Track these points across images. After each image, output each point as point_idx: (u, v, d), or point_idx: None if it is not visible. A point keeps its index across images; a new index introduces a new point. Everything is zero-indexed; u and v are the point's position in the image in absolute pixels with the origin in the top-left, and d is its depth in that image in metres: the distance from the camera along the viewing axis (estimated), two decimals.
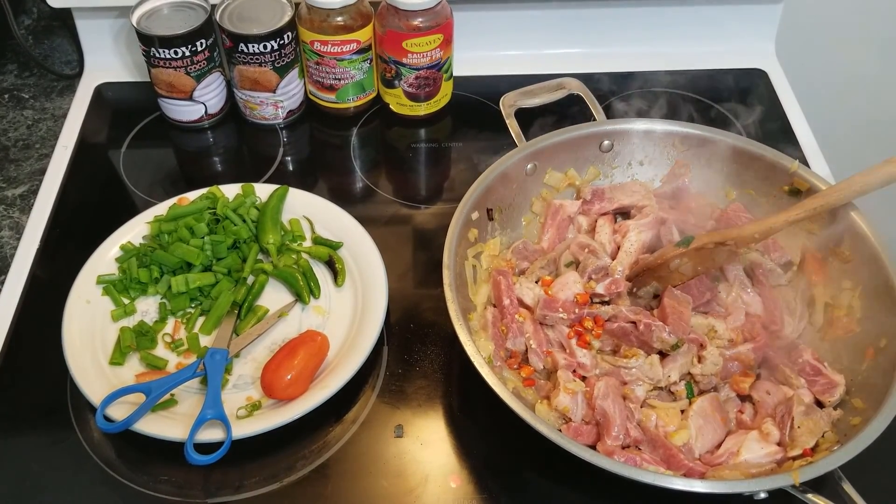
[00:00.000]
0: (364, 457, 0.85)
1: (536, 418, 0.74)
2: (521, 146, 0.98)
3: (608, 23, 1.29)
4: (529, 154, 0.98)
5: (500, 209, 0.97)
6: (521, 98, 1.04)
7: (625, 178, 1.04)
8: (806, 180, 0.94)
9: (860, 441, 0.73)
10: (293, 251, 1.01)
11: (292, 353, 0.87)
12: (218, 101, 1.19)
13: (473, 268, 0.92)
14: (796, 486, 0.71)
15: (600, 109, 1.04)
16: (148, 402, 0.83)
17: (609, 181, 1.04)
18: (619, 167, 1.03)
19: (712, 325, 0.89)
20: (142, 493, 0.82)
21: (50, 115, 1.25)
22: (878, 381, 0.81)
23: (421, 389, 0.91)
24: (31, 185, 1.13)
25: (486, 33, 1.28)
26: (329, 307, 0.97)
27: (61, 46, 1.34)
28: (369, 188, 1.14)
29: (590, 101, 1.04)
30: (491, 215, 0.96)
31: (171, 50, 1.10)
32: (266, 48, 1.10)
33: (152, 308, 0.96)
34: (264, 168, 1.16)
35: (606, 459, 0.73)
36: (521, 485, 0.84)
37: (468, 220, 0.92)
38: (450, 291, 0.82)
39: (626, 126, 1.02)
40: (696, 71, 1.29)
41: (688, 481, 0.72)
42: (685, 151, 1.01)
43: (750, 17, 1.30)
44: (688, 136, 1.01)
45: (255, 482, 0.83)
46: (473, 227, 0.93)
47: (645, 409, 0.83)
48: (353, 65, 1.14)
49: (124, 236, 1.01)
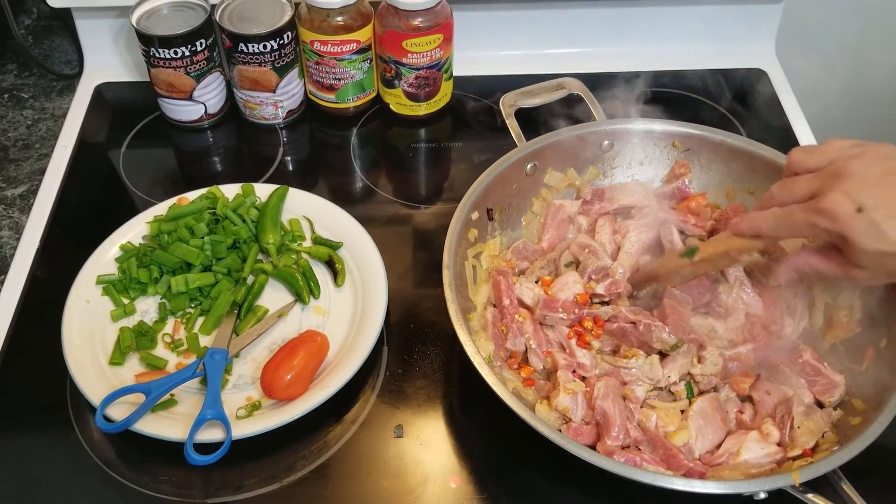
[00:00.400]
0: (364, 457, 0.85)
1: (536, 418, 0.74)
2: (521, 146, 0.98)
3: (608, 23, 1.29)
4: (529, 154, 0.97)
5: (500, 209, 0.97)
6: (521, 98, 1.04)
7: (625, 178, 1.04)
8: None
9: (860, 441, 0.73)
10: (293, 251, 1.01)
11: (292, 354, 0.87)
12: (218, 101, 1.19)
13: (473, 268, 0.92)
14: (796, 486, 0.71)
15: (600, 109, 1.04)
16: (148, 403, 0.83)
17: (609, 181, 1.04)
18: (620, 167, 1.03)
19: (712, 325, 0.89)
20: (141, 493, 0.82)
21: (50, 115, 1.25)
22: (879, 382, 0.81)
23: (421, 389, 0.91)
24: (31, 185, 1.13)
25: (486, 33, 1.28)
26: (329, 307, 0.97)
27: (61, 46, 1.34)
28: (369, 188, 1.14)
29: (590, 101, 1.04)
30: (491, 215, 0.96)
31: (171, 50, 1.10)
32: (266, 48, 1.10)
33: (152, 308, 0.96)
34: (264, 168, 1.16)
35: (606, 459, 0.73)
36: (521, 485, 0.84)
37: (468, 220, 0.92)
38: (450, 291, 0.82)
39: (627, 126, 1.01)
40: (696, 71, 1.29)
41: (688, 481, 0.72)
42: (685, 151, 1.01)
43: (750, 17, 1.30)
44: (688, 136, 1.01)
45: (255, 482, 0.83)
46: (473, 227, 0.93)
47: (645, 409, 0.83)
48: (353, 65, 1.14)
49: (124, 236, 1.01)
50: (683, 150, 1.01)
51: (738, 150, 0.98)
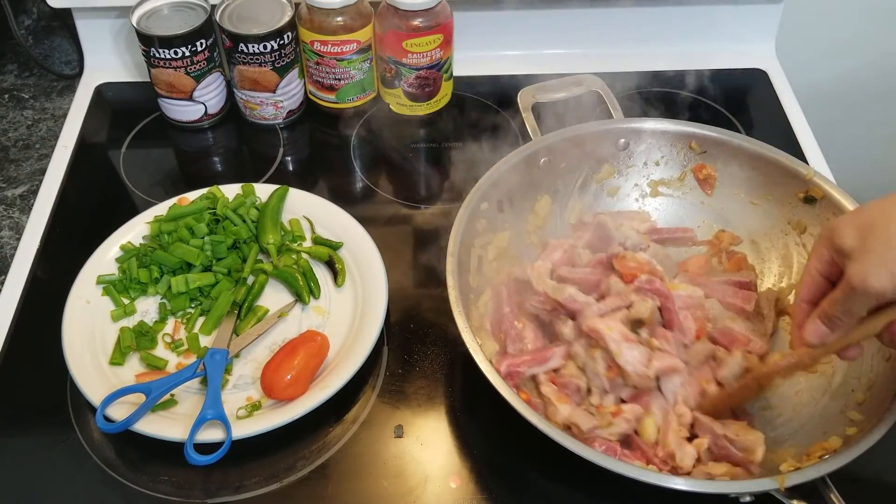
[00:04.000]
0: (364, 457, 0.85)
1: (538, 417, 0.74)
2: (536, 139, 0.97)
3: (607, 23, 1.29)
4: (544, 147, 0.97)
5: (511, 201, 0.96)
6: (539, 92, 1.03)
7: (641, 179, 1.02)
8: (821, 188, 0.92)
9: (850, 452, 0.72)
10: (293, 251, 1.01)
11: (292, 354, 0.87)
12: (218, 102, 1.19)
13: (479, 258, 0.92)
14: (781, 490, 0.71)
15: (618, 107, 1.03)
16: (148, 403, 0.83)
17: (624, 179, 1.03)
18: (635, 166, 1.02)
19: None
20: (142, 493, 0.82)
21: (50, 116, 1.25)
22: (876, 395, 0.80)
23: (421, 389, 0.91)
24: (31, 186, 1.13)
25: (486, 33, 1.28)
26: (329, 307, 0.97)
27: (61, 46, 1.34)
28: (369, 188, 1.14)
29: (608, 99, 1.03)
30: (501, 207, 0.95)
31: (171, 50, 1.10)
32: (266, 48, 1.10)
33: (152, 308, 0.96)
34: (264, 168, 1.16)
35: (609, 459, 0.73)
36: (522, 485, 0.84)
37: (477, 210, 0.91)
38: (451, 278, 0.82)
39: (644, 125, 1.00)
40: (695, 71, 1.29)
41: (687, 481, 0.71)
42: (702, 154, 1.00)
43: (750, 17, 1.30)
44: (706, 139, 0.99)
45: (255, 482, 0.83)
46: (482, 217, 0.92)
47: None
48: (353, 65, 1.14)
49: (124, 236, 1.01)
50: (700, 153, 1.00)
51: (755, 154, 0.96)
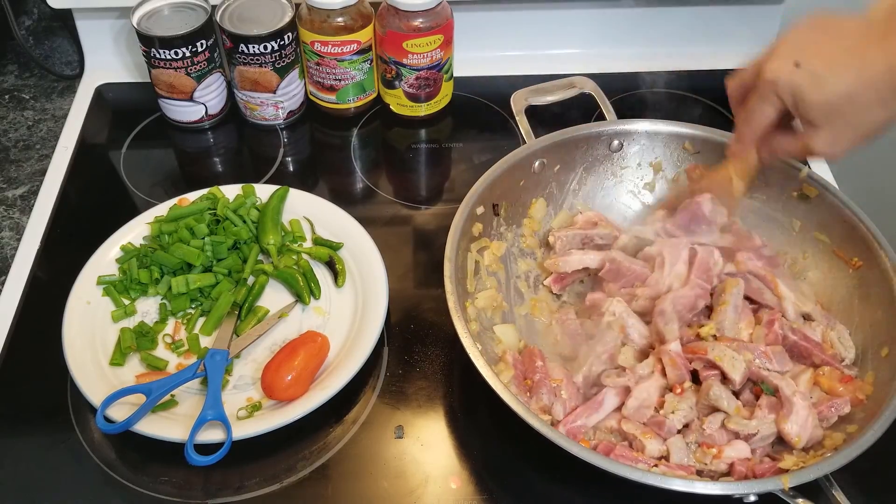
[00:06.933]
0: (364, 458, 0.85)
1: (537, 418, 0.74)
2: (530, 142, 0.97)
3: (608, 23, 1.29)
4: (538, 150, 0.97)
5: (506, 205, 0.97)
6: (532, 95, 1.03)
7: (636, 179, 1.03)
8: (815, 186, 0.93)
9: (852, 449, 0.72)
10: (293, 252, 1.01)
11: (293, 354, 0.87)
12: (218, 102, 1.19)
13: (476, 262, 0.92)
14: (786, 490, 0.71)
15: (611, 109, 1.03)
16: (148, 403, 0.83)
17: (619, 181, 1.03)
18: (629, 167, 1.02)
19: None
20: (142, 493, 0.82)
21: (50, 116, 1.25)
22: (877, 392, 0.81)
23: (421, 390, 0.91)
24: (32, 186, 1.13)
25: (486, 33, 1.28)
26: (329, 308, 0.97)
27: (61, 47, 1.34)
28: (369, 189, 1.14)
29: (601, 101, 1.03)
30: (496, 211, 0.95)
31: (172, 50, 1.10)
32: (266, 49, 1.10)
33: (152, 309, 0.97)
34: (265, 169, 1.16)
35: (607, 460, 0.73)
36: (521, 485, 0.84)
37: (472, 215, 0.91)
38: (450, 284, 0.82)
39: (637, 126, 1.00)
40: (695, 71, 1.29)
41: (688, 482, 0.71)
42: (695, 154, 1.00)
43: (750, 17, 1.30)
44: (700, 139, 0.99)
45: (256, 483, 0.83)
46: (478, 221, 0.92)
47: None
48: (354, 65, 1.14)
49: (125, 237, 1.01)
50: (694, 153, 1.00)
51: None
